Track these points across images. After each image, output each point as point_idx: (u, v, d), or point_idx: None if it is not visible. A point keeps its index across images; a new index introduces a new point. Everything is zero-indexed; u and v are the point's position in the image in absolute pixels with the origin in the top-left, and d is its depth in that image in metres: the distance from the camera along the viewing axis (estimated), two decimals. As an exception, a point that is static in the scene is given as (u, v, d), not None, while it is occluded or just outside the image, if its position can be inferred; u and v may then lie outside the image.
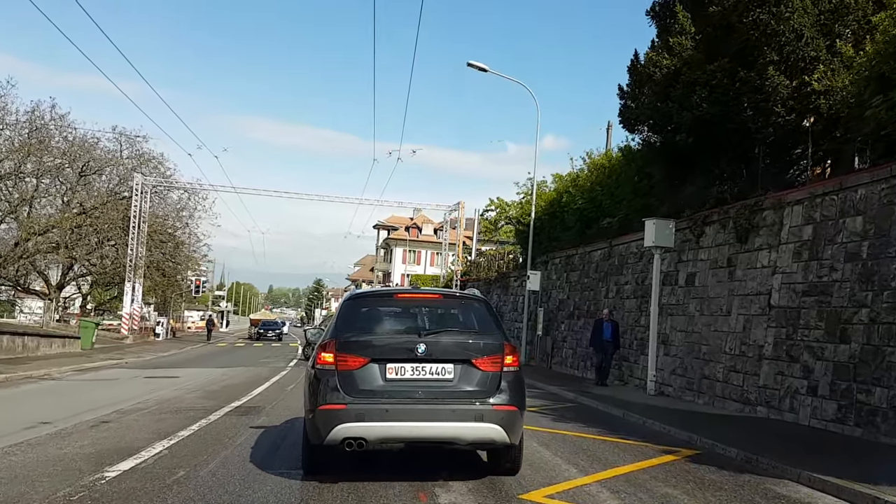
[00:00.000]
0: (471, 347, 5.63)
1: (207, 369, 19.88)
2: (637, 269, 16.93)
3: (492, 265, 33.47)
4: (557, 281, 23.05)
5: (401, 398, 5.37)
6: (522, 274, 27.15)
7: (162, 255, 44.17)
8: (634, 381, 15.80)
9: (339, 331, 5.73)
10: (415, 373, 5.47)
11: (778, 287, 11.27)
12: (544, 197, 25.23)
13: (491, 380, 5.52)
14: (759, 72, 11.73)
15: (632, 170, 17.47)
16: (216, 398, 12.19)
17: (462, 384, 5.49)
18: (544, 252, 24.51)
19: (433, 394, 5.42)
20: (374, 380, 5.42)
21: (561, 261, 22.90)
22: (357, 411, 5.28)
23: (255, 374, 18.30)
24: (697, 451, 8.15)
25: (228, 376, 17.31)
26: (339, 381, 5.38)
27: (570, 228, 21.81)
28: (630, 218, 17.77)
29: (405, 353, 5.47)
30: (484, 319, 6.05)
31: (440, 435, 5.43)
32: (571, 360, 20.61)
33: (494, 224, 46.70)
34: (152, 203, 41.87)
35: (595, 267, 19.76)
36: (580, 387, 15.72)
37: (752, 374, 11.55)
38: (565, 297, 22.05)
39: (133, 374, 17.54)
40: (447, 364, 5.50)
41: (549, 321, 22.96)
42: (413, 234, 79.80)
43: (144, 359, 24.68)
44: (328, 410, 5.33)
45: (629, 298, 17.06)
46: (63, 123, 35.71)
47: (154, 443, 7.59)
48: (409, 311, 6.25)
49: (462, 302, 6.53)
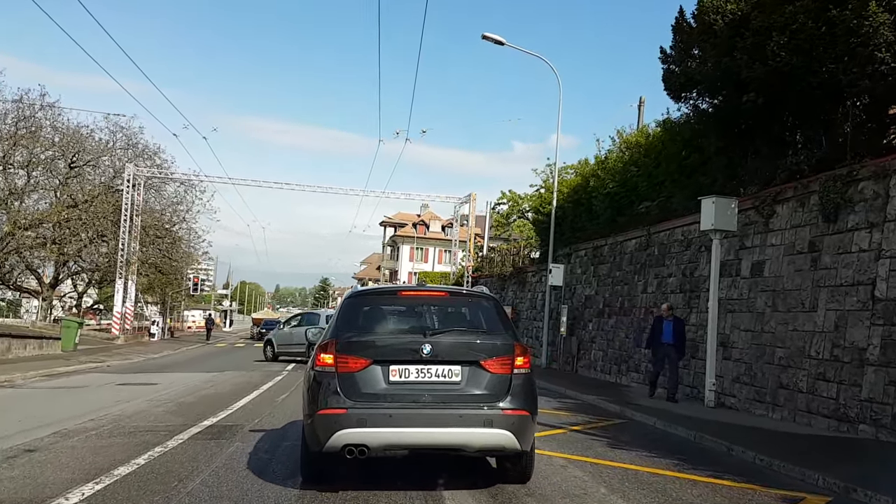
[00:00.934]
0: (479, 348, 5.39)
1: (194, 374, 17.72)
2: (683, 258, 14.66)
3: (506, 260, 31.20)
4: (583, 275, 20.80)
5: (405, 402, 5.12)
6: (542, 268, 24.91)
7: (158, 252, 42.21)
8: (684, 388, 13.55)
9: (340, 330, 5.48)
10: (420, 375, 5.23)
11: (885, 275, 8.98)
12: (566, 184, 22.97)
13: (500, 382, 5.28)
14: (856, 9, 9.45)
15: (676, 145, 15.21)
16: (187, 414, 10.02)
17: (470, 387, 5.24)
18: (567, 244, 22.28)
19: (439, 397, 5.17)
20: (377, 383, 5.19)
21: (587, 253, 20.65)
22: (358, 416, 5.04)
23: (244, 380, 16.13)
24: (827, 497, 5.91)
25: (213, 383, 15.14)
26: (340, 384, 5.15)
27: (599, 216, 19.57)
28: (672, 201, 15.52)
29: (409, 354, 5.24)
30: (493, 318, 5.80)
31: (447, 441, 5.16)
32: (602, 363, 18.35)
33: (506, 218, 44.52)
34: (147, 197, 39.89)
35: (629, 258, 17.50)
36: (622, 396, 13.47)
37: (850, 383, 9.27)
38: (592, 293, 19.80)
39: (107, 381, 15.39)
40: (454, 366, 5.26)
41: (573, 320, 20.71)
42: (420, 231, 78.03)
43: (130, 361, 22.56)
44: (328, 415, 5.09)
45: (674, 293, 14.78)
46: (53, 112, 33.82)
47: (72, 489, 5.42)
48: (414, 309, 5.98)
49: (470, 300, 6.27)
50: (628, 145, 18.35)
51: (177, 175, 36.08)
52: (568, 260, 22.01)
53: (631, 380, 16.20)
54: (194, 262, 50.35)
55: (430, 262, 74.68)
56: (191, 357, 25.96)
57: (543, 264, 24.76)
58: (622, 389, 15.17)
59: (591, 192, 20.07)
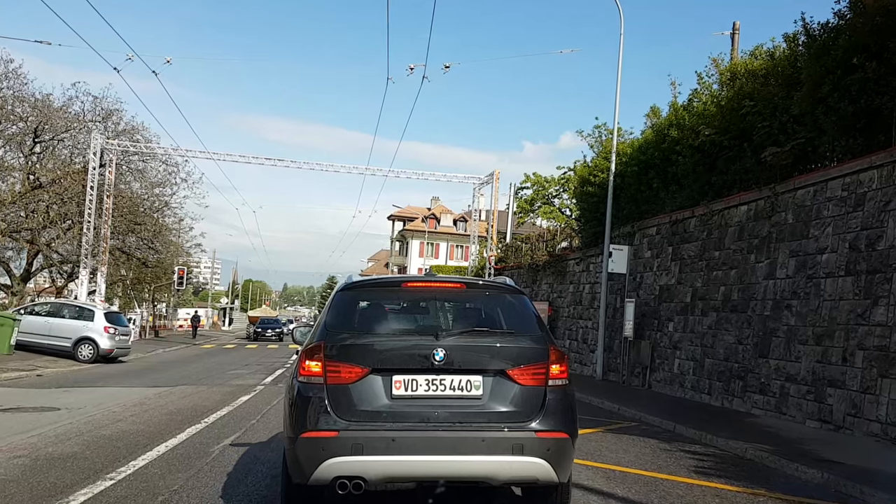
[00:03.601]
0: (505, 353, 4.27)
1: (132, 390, 12.90)
2: (849, 224, 9.69)
3: (536, 247, 26.18)
4: (655, 259, 15.85)
5: (412, 422, 4.05)
6: (590, 254, 19.96)
7: (141, 242, 37.56)
8: (864, 422, 8.61)
9: (330, 331, 4.36)
10: (431, 388, 4.14)
11: None
12: (627, 147, 18.03)
13: (532, 397, 4.20)
14: None
15: (829, 60, 10.20)
16: (32, 484, 5.20)
17: (494, 403, 4.17)
18: (627, 221, 17.37)
19: (456, 416, 4.09)
20: (377, 397, 4.11)
21: (661, 230, 15.70)
22: (354, 441, 3.99)
23: (195, 401, 11.30)
24: None
25: (145, 408, 10.31)
26: (330, 398, 4.09)
27: (681, 180, 14.64)
28: (819, 141, 10.62)
29: (418, 362, 4.14)
30: (521, 316, 4.66)
31: (466, 472, 4.10)
32: (693, 377, 13.38)
33: (530, 204, 39.63)
34: (129, 179, 35.21)
35: (737, 232, 12.54)
36: (793, 444, 8.52)
37: None
38: (672, 282, 14.84)
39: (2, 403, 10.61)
40: (474, 376, 4.18)
41: (640, 318, 15.79)
42: (431, 225, 74.23)
43: (71, 369, 17.80)
44: (314, 439, 4.02)
45: (833, 277, 9.83)
46: (18, 83, 29.14)
47: None
48: (423, 305, 5.01)
49: (492, 293, 5.03)
50: (734, 74, 13.31)
51: (156, 148, 31.10)
52: (629, 241, 17.09)
53: (753, 404, 11.22)
54: (184, 254, 45.79)
55: (441, 258, 70.65)
56: (154, 363, 21.04)
57: (592, 248, 19.83)
58: (751, 423, 10.24)
59: (667, 149, 15.13)
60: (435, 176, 31.29)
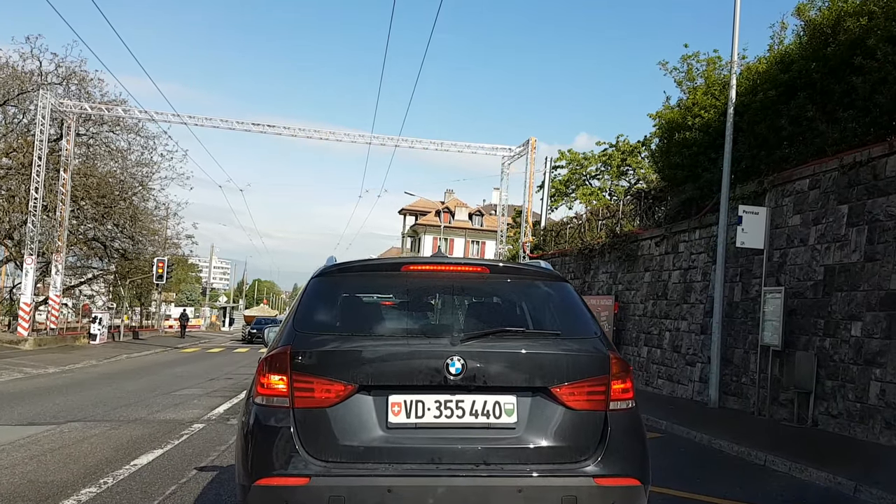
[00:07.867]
0: (548, 364, 2.98)
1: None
2: None
3: (590, 226, 20.67)
4: (811, 226, 10.42)
5: (417, 464, 2.78)
6: (677, 230, 14.58)
7: (116, 229, 32.46)
8: None
9: (300, 332, 3.05)
10: (443, 413, 2.88)
11: None
12: (753, 69, 12.63)
13: (587, 426, 2.95)
14: None
15: None
16: None
17: (534, 435, 2.90)
18: (746, 176, 12.00)
19: (480, 455, 2.82)
20: (366, 427, 2.84)
21: (824, 180, 10.25)
22: (332, 491, 2.72)
23: (59, 464, 5.98)
24: None
25: None
26: (298, 428, 2.83)
27: (872, 97, 9.23)
28: None
29: (425, 376, 2.87)
30: (567, 311, 3.32)
31: None
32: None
33: (565, 185, 34.22)
34: (93, 152, 30.07)
35: None
36: None
37: None
38: (854, 260, 9.41)
39: None
40: (505, 396, 2.92)
41: (786, 317, 10.35)
42: (445, 220, 69.53)
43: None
44: (274, 488, 2.75)
45: None
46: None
47: None
48: (431, 296, 3.53)
49: (524, 279, 3.57)
50: None
51: (120, 110, 25.88)
52: (759, 202, 11.67)
53: None
54: (171, 245, 40.66)
55: (457, 254, 66.13)
56: (82, 378, 15.47)
57: (678, 224, 14.44)
58: None
59: (839, 54, 9.71)
60: (457, 146, 25.86)
